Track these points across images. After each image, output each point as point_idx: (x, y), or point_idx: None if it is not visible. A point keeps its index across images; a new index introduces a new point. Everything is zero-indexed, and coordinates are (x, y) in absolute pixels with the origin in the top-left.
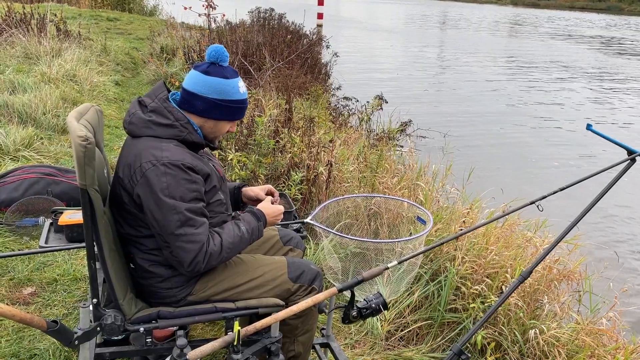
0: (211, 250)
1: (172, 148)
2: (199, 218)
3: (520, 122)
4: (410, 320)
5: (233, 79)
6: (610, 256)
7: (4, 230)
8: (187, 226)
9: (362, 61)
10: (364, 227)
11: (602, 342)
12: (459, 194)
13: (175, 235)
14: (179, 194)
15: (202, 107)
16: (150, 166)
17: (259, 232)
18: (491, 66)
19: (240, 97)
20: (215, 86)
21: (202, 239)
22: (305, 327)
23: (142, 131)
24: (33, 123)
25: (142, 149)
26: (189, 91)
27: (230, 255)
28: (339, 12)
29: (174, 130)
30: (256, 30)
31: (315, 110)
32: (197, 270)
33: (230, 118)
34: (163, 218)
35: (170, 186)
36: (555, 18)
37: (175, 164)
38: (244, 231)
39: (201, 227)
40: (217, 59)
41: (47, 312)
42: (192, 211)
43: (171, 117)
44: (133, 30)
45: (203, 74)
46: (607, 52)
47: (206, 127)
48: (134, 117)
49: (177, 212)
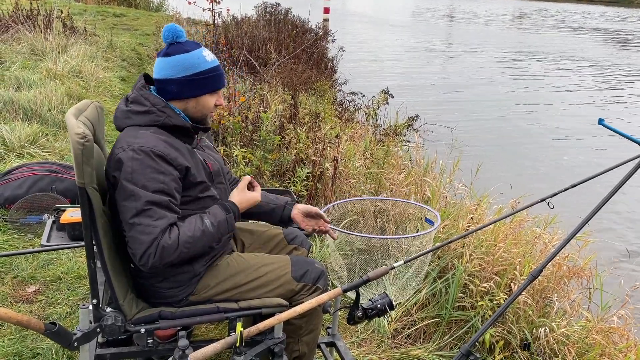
0: (164, 244)
1: (148, 135)
2: (159, 210)
3: (530, 116)
4: (417, 318)
5: (195, 51)
6: (622, 253)
7: (8, 227)
8: (143, 216)
9: (369, 55)
10: (370, 224)
11: (613, 340)
12: (466, 190)
13: (129, 224)
14: (141, 182)
15: (176, 89)
16: (120, 151)
17: (228, 225)
18: (499, 60)
19: (209, 66)
20: (179, 64)
21: (156, 232)
22: (309, 326)
23: (124, 122)
24: (38, 119)
25: (121, 138)
26: (159, 79)
27: (192, 251)
28: (345, 6)
29: (151, 117)
30: (262, 25)
31: (321, 106)
32: (152, 265)
33: (208, 90)
34: (122, 204)
35: (134, 172)
36: (564, 11)
37: (144, 150)
38: (207, 224)
39: (160, 220)
40: (173, 37)
41: (51, 310)
42: (153, 202)
43: (147, 104)
44: (139, 26)
45: (164, 57)
46: (618, 46)
47: (189, 108)
48: (117, 111)
49: (136, 199)
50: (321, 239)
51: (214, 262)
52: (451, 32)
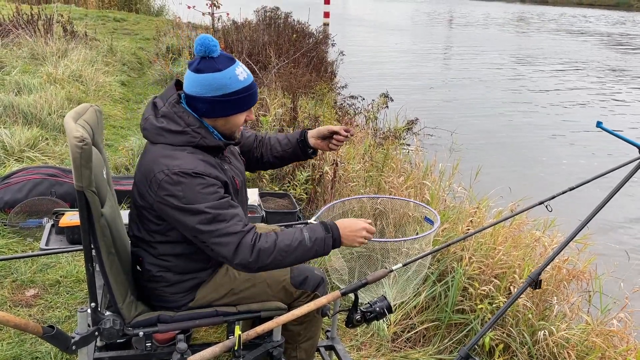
0: (261, 246)
1: (185, 156)
2: (226, 211)
3: (529, 119)
4: (417, 321)
5: (227, 69)
6: (621, 256)
7: (8, 231)
8: (215, 222)
9: (369, 59)
10: None
11: (613, 343)
12: (466, 193)
13: (207, 233)
14: (196, 199)
15: (205, 108)
16: (163, 176)
17: (325, 245)
18: (498, 63)
19: (240, 86)
20: (209, 84)
21: (236, 229)
22: (308, 333)
23: (156, 138)
24: (38, 124)
25: (156, 158)
26: (189, 94)
27: (285, 260)
28: (345, 10)
29: (185, 137)
30: (262, 29)
31: (321, 109)
32: (250, 265)
33: (239, 110)
34: (189, 223)
35: (185, 195)
36: (564, 15)
37: (186, 172)
38: (305, 237)
39: (232, 219)
40: (205, 52)
41: (50, 314)
42: (216, 207)
43: (182, 123)
44: (139, 31)
45: (195, 73)
46: (617, 49)
47: (219, 125)
48: (147, 123)
49: (200, 212)
50: None
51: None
52: (451, 36)
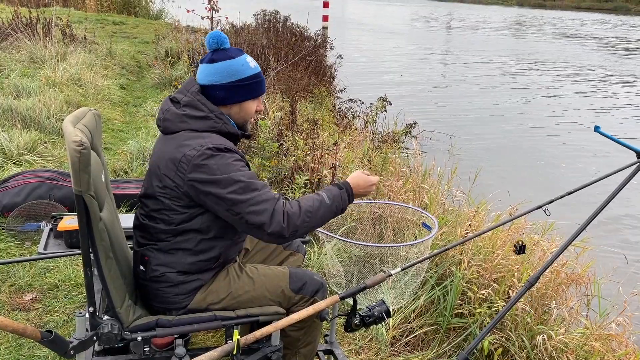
0: (288, 211)
1: (213, 135)
2: (257, 181)
3: (528, 123)
4: (415, 325)
5: (239, 57)
6: (619, 260)
7: (6, 235)
8: (250, 191)
9: (368, 62)
10: (368, 231)
11: (612, 347)
12: (464, 196)
13: (241, 202)
14: (231, 170)
15: (222, 95)
16: (195, 153)
17: (342, 200)
18: (497, 67)
19: (252, 72)
20: (225, 70)
21: (270, 196)
22: (307, 339)
23: (178, 126)
24: (37, 127)
25: (180, 142)
26: (205, 85)
27: (312, 221)
28: (344, 14)
29: (209, 122)
30: (261, 33)
31: (320, 113)
32: (284, 233)
33: (252, 95)
34: (223, 193)
35: (220, 166)
36: (562, 18)
37: (219, 147)
38: (323, 196)
39: (264, 188)
40: (217, 44)
41: (48, 318)
42: (249, 177)
43: (205, 109)
44: (138, 34)
45: (210, 64)
46: (615, 53)
47: (233, 114)
48: (168, 114)
49: (235, 181)
50: (319, 245)
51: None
52: (449, 39)
